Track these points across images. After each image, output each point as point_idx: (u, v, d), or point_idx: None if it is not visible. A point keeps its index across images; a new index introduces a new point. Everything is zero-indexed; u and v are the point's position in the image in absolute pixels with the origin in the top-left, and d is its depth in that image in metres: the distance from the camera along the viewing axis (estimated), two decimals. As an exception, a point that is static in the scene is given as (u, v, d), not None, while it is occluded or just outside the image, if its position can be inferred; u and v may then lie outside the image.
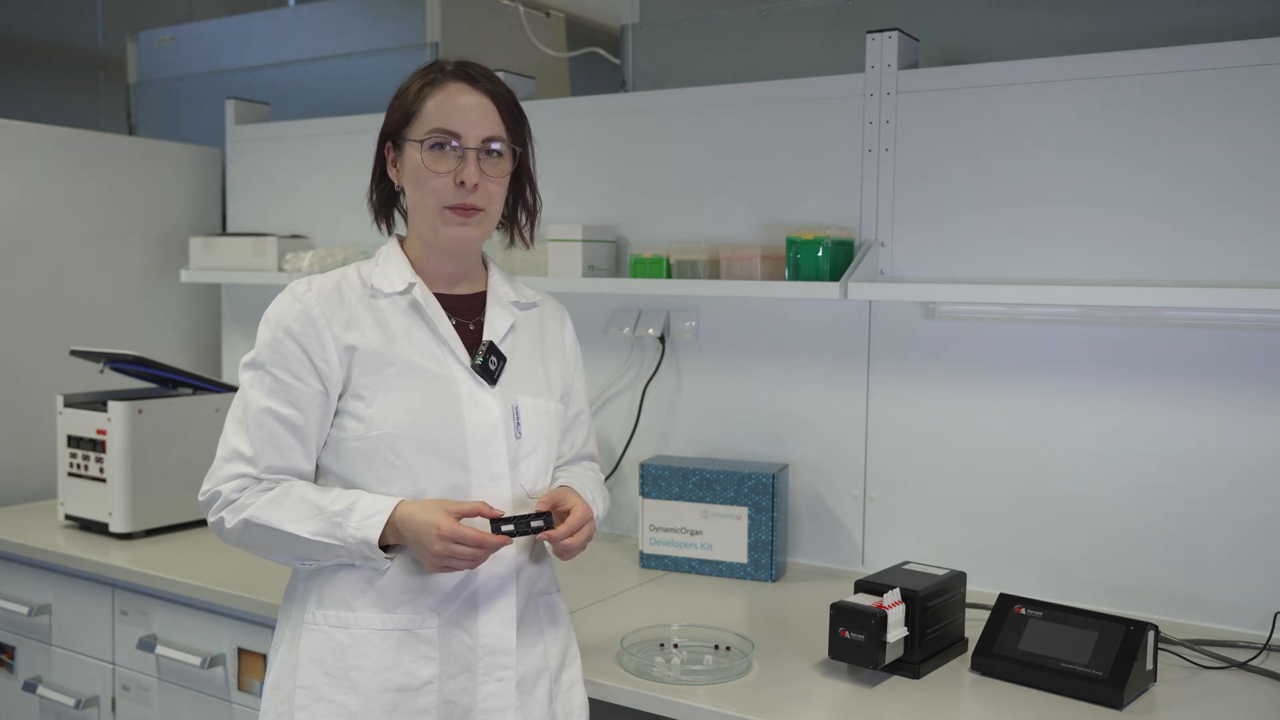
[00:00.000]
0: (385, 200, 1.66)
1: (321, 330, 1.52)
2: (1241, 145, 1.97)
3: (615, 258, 2.62)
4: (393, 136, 1.59)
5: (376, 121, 1.62)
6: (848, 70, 2.34)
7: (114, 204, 3.19)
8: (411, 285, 1.58)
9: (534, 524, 1.50)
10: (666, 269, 2.45)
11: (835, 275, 2.23)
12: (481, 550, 1.46)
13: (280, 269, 3.04)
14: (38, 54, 4.43)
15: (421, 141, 1.53)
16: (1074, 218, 2.11)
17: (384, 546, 1.49)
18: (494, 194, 1.57)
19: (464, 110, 1.54)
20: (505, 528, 1.48)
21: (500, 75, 1.63)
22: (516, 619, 1.58)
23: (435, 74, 1.57)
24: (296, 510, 1.49)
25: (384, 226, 1.68)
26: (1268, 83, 1.94)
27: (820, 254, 2.23)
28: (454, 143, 1.53)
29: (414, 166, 1.55)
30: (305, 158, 3.18)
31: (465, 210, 1.54)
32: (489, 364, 1.59)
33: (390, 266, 1.60)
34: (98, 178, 3.16)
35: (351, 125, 3.03)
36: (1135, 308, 2.04)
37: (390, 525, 1.47)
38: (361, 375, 1.52)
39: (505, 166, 1.58)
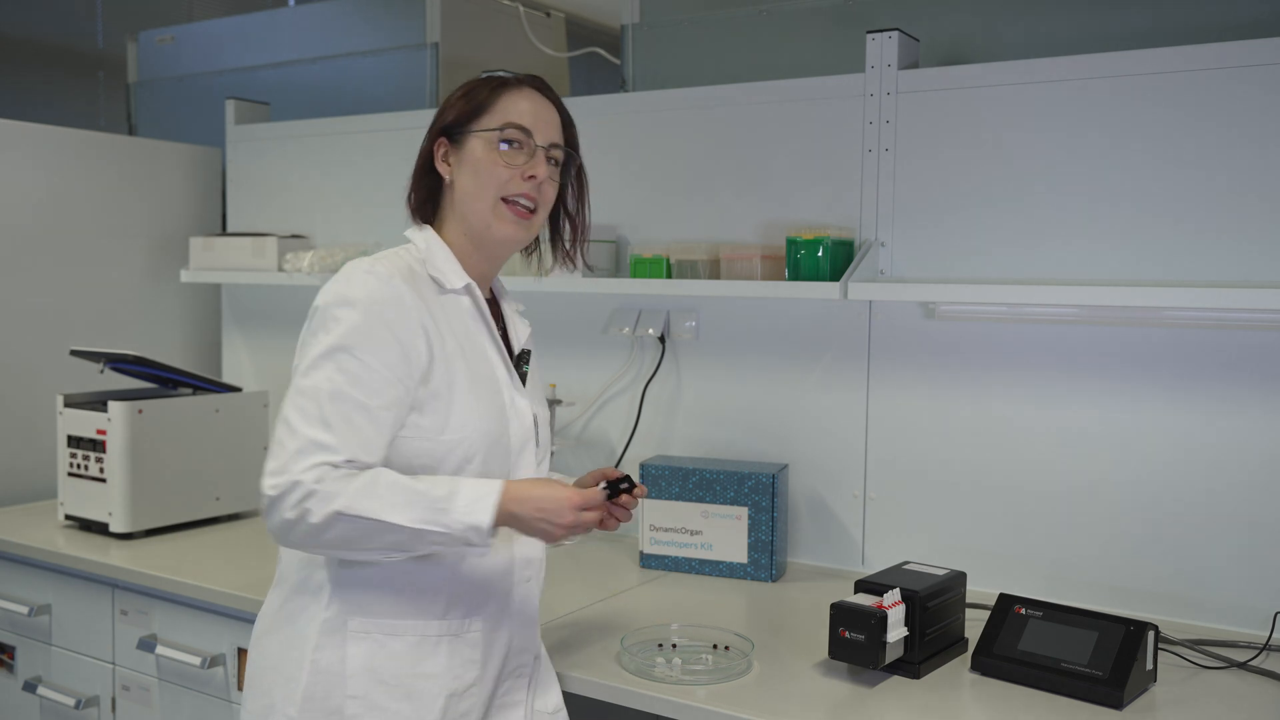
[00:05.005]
0: (426, 195, 1.63)
1: (412, 318, 1.46)
2: (1242, 145, 1.97)
3: (615, 258, 2.62)
4: (453, 130, 1.58)
5: (377, 121, 1.64)
6: (848, 70, 2.34)
7: (114, 204, 3.19)
8: (468, 284, 1.58)
9: (622, 485, 1.54)
10: (666, 269, 2.45)
11: (835, 275, 2.23)
12: (601, 511, 1.50)
13: (280, 269, 3.03)
14: (38, 54, 4.43)
15: (498, 130, 1.54)
16: (1074, 217, 2.11)
17: None
18: (549, 197, 1.60)
19: (536, 112, 1.58)
20: (624, 486, 1.54)
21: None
22: (538, 619, 1.65)
23: (506, 78, 1.60)
24: (394, 498, 1.39)
25: (419, 222, 1.64)
26: (1268, 83, 1.94)
27: (820, 254, 2.23)
28: (525, 140, 1.55)
29: (480, 157, 1.55)
30: (305, 158, 3.17)
31: (525, 210, 1.56)
32: (524, 371, 1.64)
33: (442, 262, 1.57)
34: (98, 178, 3.15)
35: (351, 125, 3.02)
36: (1135, 308, 2.04)
37: (501, 508, 1.42)
38: (442, 372, 1.49)
39: (559, 175, 1.62)
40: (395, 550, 1.44)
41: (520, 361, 1.64)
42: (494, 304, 1.68)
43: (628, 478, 1.56)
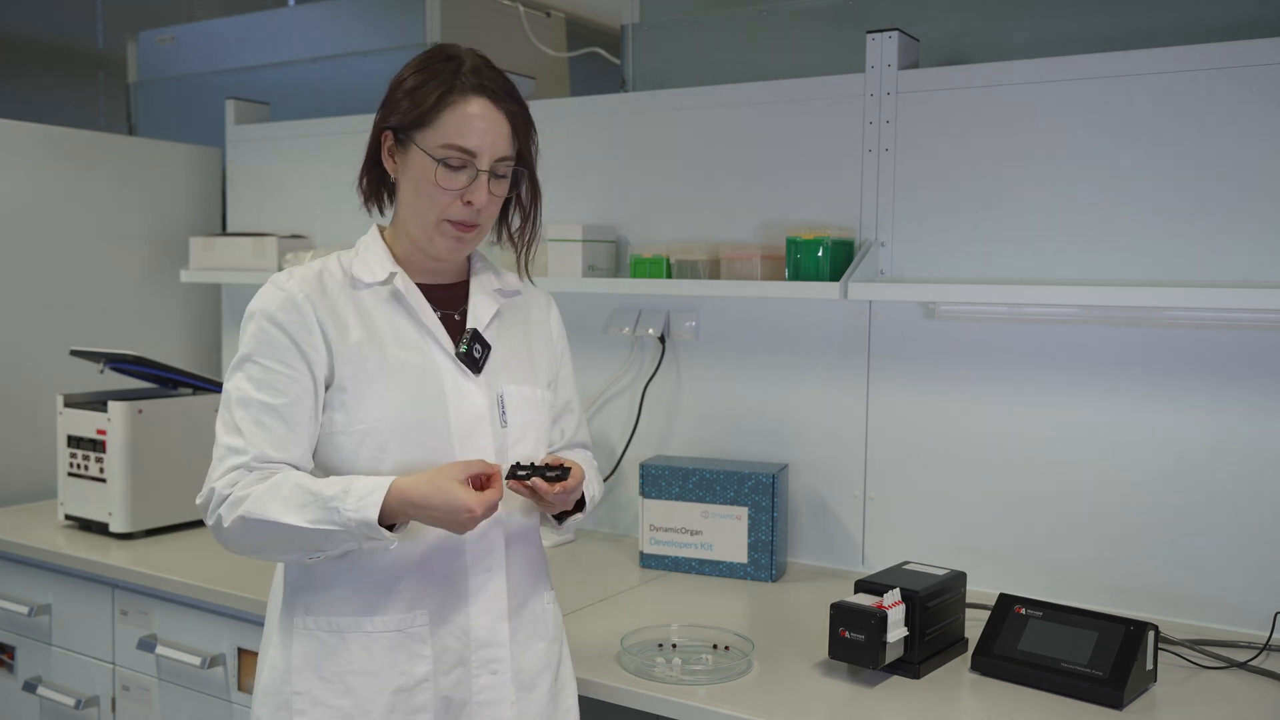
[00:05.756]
0: (376, 185, 1.64)
1: (307, 316, 1.50)
2: (1242, 145, 1.97)
3: (615, 258, 2.62)
4: (397, 130, 1.55)
5: (376, 121, 1.61)
6: (848, 70, 2.34)
7: (114, 204, 3.19)
8: (393, 275, 1.57)
9: (549, 474, 1.50)
10: (666, 269, 2.45)
11: (835, 275, 2.23)
12: (500, 493, 1.46)
13: (280, 269, 3.03)
14: (38, 54, 4.43)
15: (438, 160, 1.50)
16: (1074, 218, 2.11)
17: (389, 525, 1.44)
18: (491, 213, 1.58)
19: (482, 130, 1.51)
20: (521, 472, 1.50)
21: (501, 73, 1.62)
22: (507, 611, 1.58)
23: (455, 80, 1.52)
24: (292, 500, 1.42)
25: (375, 210, 1.66)
26: (1268, 83, 1.94)
27: (820, 254, 2.23)
28: (468, 161, 1.51)
29: (421, 174, 1.52)
30: (305, 158, 3.18)
31: (465, 227, 1.55)
32: (473, 352, 1.58)
33: (371, 257, 1.59)
34: (98, 178, 3.16)
35: (351, 125, 3.02)
36: (1135, 308, 2.04)
37: (392, 505, 1.42)
38: (346, 367, 1.51)
39: (506, 186, 1.58)
40: (313, 551, 1.45)
41: (470, 342, 1.58)
42: (461, 286, 1.65)
43: (557, 468, 1.51)
